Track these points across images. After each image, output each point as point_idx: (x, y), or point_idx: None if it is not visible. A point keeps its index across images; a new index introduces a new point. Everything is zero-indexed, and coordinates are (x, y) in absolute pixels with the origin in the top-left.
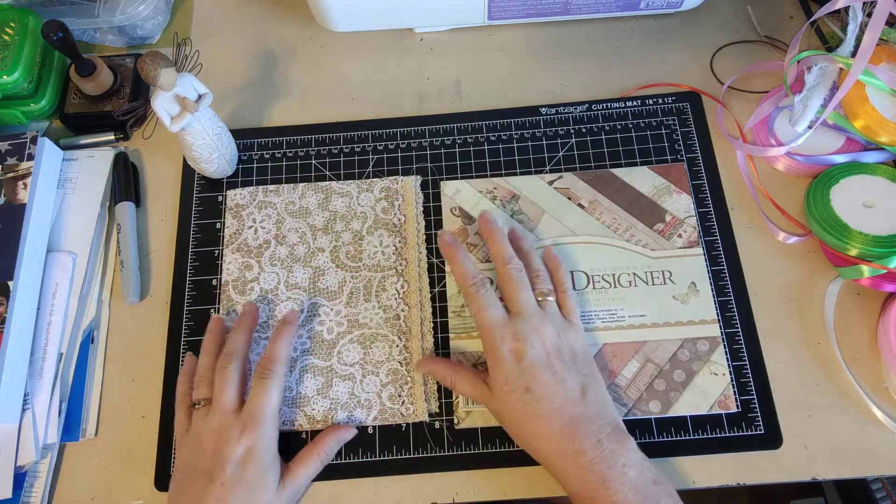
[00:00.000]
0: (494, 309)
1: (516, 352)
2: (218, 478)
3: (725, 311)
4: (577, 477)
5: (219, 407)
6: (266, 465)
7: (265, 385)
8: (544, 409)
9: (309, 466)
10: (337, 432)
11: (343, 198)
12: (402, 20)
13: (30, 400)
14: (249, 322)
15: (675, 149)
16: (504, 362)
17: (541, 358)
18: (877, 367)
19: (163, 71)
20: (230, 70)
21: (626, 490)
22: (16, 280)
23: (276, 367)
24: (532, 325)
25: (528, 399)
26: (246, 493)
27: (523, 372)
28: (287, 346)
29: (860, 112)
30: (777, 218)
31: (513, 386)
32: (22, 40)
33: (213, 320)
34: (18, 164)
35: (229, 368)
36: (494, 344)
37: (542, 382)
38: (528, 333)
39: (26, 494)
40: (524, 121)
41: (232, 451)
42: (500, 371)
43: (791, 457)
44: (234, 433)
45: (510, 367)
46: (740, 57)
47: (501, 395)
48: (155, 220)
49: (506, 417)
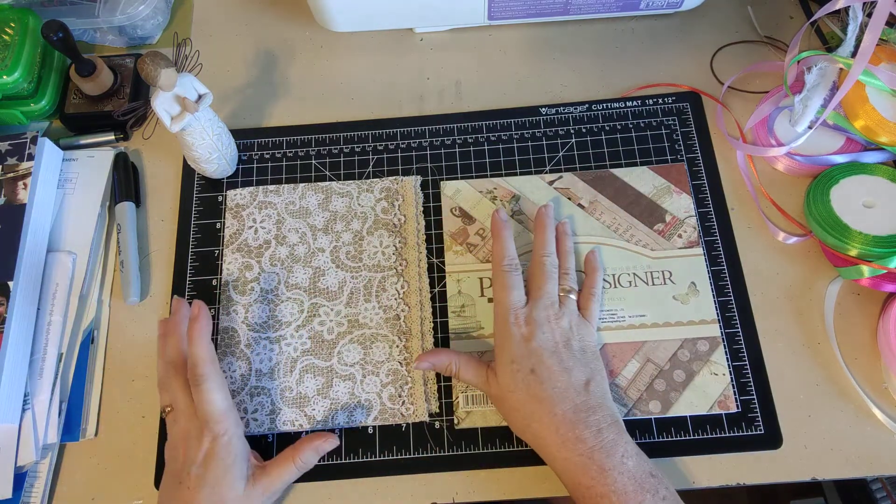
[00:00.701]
0: (517, 292)
1: (526, 334)
2: (185, 481)
3: (725, 311)
4: (576, 464)
5: (179, 412)
6: (228, 463)
7: (201, 390)
8: (546, 393)
9: (284, 472)
10: (315, 442)
11: (343, 198)
12: (402, 20)
13: (30, 400)
14: (203, 328)
15: (675, 149)
16: (513, 341)
17: (549, 344)
18: (877, 367)
19: (163, 71)
20: (230, 70)
21: (624, 480)
22: (16, 280)
23: (204, 370)
24: (547, 314)
25: (531, 380)
26: (212, 493)
27: (530, 353)
28: (203, 344)
29: (860, 112)
30: (777, 218)
31: (518, 365)
32: (22, 40)
33: (159, 324)
34: (18, 164)
35: (205, 387)
36: (507, 323)
37: (547, 366)
38: (541, 320)
39: (26, 494)
40: (524, 121)
41: (196, 453)
42: (507, 350)
43: (791, 457)
44: (195, 436)
45: (518, 347)
46: (740, 57)
47: (507, 374)
48: (155, 220)
49: (508, 401)
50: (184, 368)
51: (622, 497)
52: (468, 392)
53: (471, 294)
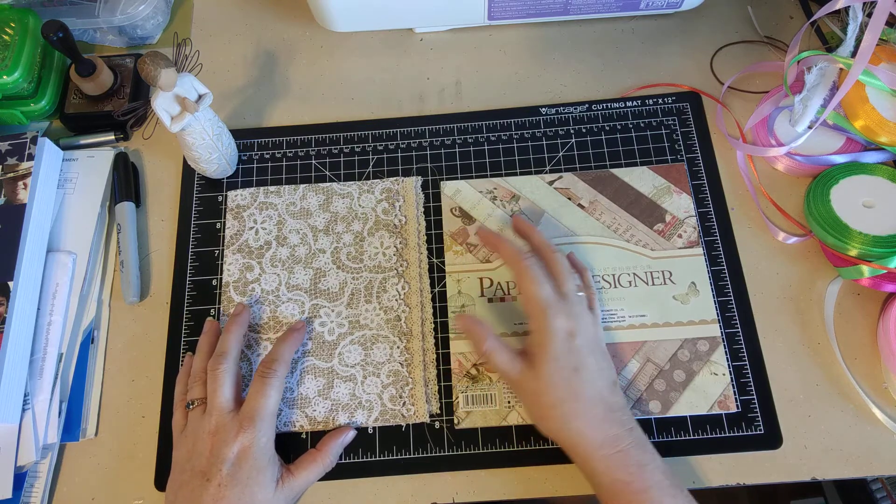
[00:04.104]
0: (548, 286)
1: (570, 330)
2: (215, 478)
3: (725, 311)
4: (615, 461)
5: (213, 407)
6: (262, 464)
7: (265, 384)
8: (588, 392)
9: (311, 472)
10: (338, 438)
11: (344, 199)
12: (402, 20)
13: (30, 400)
14: (240, 323)
15: (675, 149)
16: (557, 338)
17: (589, 342)
18: (877, 367)
19: (163, 71)
20: (230, 70)
21: (658, 475)
22: (16, 280)
23: (278, 368)
24: (578, 311)
25: (574, 379)
26: (243, 492)
27: (573, 351)
28: (291, 349)
29: (860, 112)
30: (777, 218)
31: (563, 363)
32: (22, 40)
33: (207, 322)
34: (18, 164)
35: (221, 368)
36: (548, 319)
37: (588, 366)
38: (578, 316)
39: (26, 494)
40: (524, 121)
41: (228, 450)
42: (550, 347)
43: (791, 457)
44: (230, 433)
45: (563, 344)
46: (740, 57)
47: (548, 371)
48: (155, 220)
49: (546, 397)
50: (237, 360)
51: (660, 491)
52: (468, 392)
53: (471, 294)
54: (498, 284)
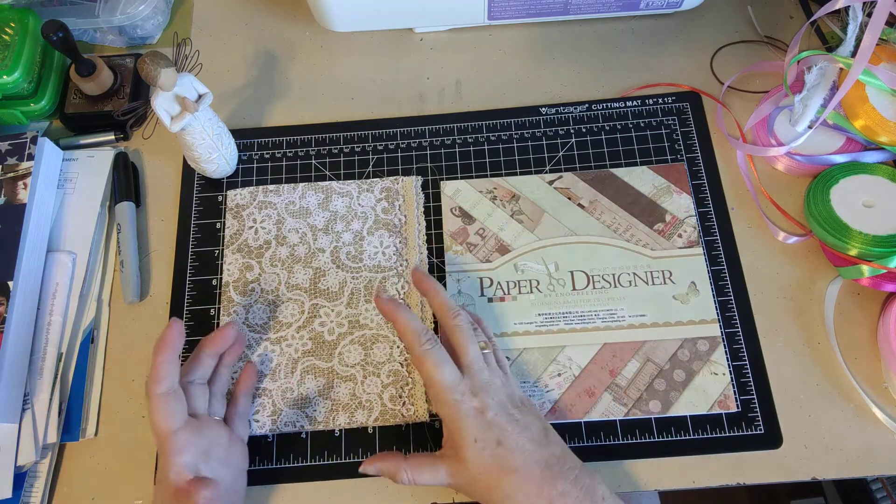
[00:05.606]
0: (449, 367)
1: (479, 407)
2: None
3: (725, 311)
4: None
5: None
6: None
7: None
8: (519, 460)
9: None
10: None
11: (343, 198)
12: (402, 20)
13: (30, 400)
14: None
15: (675, 149)
16: (470, 419)
17: (502, 409)
18: (877, 367)
19: (163, 71)
20: (230, 70)
21: None
22: (16, 280)
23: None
24: (484, 379)
25: (501, 453)
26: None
27: (491, 426)
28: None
29: (860, 112)
30: (777, 218)
31: (484, 442)
32: (22, 40)
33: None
34: (18, 164)
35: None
36: (455, 404)
37: (510, 433)
38: (483, 387)
39: (26, 494)
40: (524, 121)
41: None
42: (467, 430)
43: (791, 457)
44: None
45: (477, 423)
46: (740, 57)
47: (471, 456)
48: (155, 220)
49: (482, 482)
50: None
51: None
52: None
53: (471, 294)
54: (498, 284)
